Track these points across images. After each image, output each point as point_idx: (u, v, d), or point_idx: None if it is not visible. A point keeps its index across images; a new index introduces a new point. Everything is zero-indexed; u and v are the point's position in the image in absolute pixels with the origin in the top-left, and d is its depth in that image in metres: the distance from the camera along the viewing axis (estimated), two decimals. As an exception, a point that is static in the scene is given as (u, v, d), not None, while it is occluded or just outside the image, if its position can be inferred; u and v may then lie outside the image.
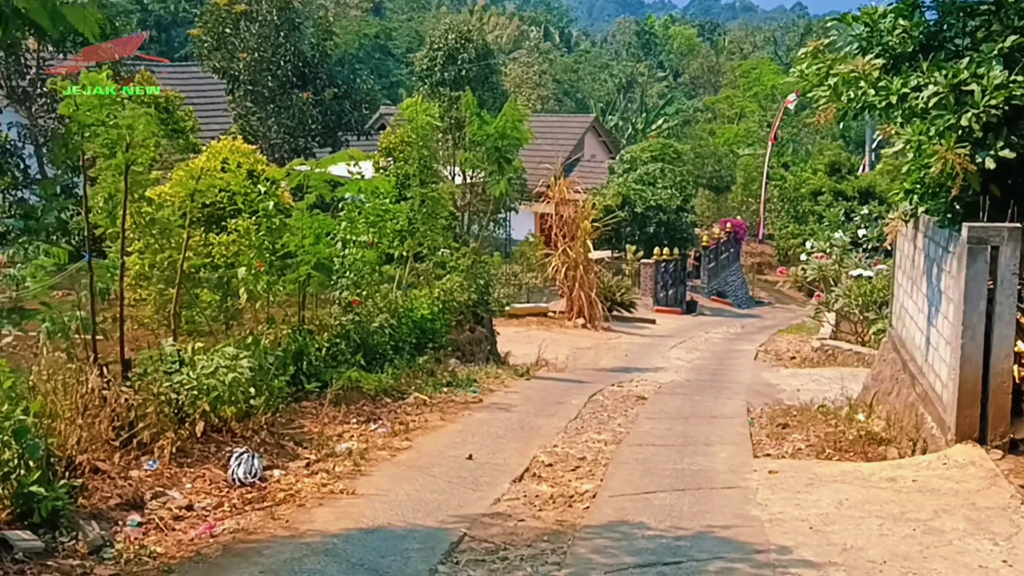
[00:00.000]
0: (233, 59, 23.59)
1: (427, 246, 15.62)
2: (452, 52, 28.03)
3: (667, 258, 36.56)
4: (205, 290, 10.34)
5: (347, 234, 12.06)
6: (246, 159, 12.58)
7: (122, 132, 7.74)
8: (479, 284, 17.66)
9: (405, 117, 14.24)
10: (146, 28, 58.16)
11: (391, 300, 13.52)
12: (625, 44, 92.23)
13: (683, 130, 68.43)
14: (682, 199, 40.74)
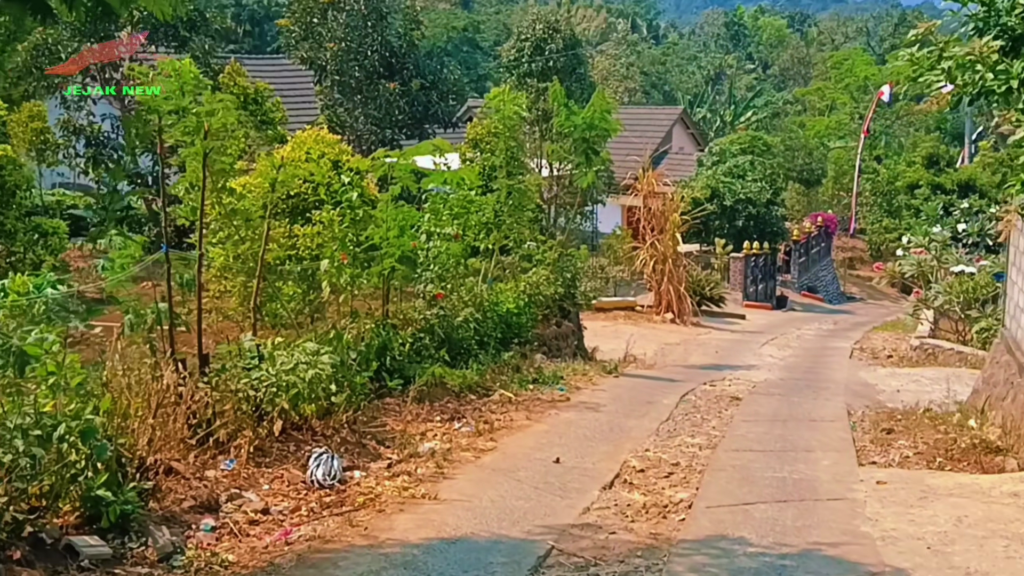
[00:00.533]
0: (320, 49, 23.48)
1: (513, 239, 15.24)
2: (539, 43, 27.58)
3: (757, 252, 35.67)
4: (289, 283, 10.11)
5: (431, 226, 11.73)
6: (331, 149, 12.36)
7: (200, 119, 7.49)
8: (566, 278, 17.25)
9: (492, 107, 13.84)
10: (240, 22, 59.13)
11: (476, 294, 13.18)
12: (714, 36, 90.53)
13: (772, 123, 66.91)
14: (772, 192, 39.68)
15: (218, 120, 7.51)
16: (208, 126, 7.51)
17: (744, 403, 12.16)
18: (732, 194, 37.43)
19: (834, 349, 22.57)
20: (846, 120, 60.81)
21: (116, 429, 5.86)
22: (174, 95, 7.85)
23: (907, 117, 61.01)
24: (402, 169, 10.78)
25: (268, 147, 16.87)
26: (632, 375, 14.74)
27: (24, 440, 5.19)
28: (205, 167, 7.62)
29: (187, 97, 7.83)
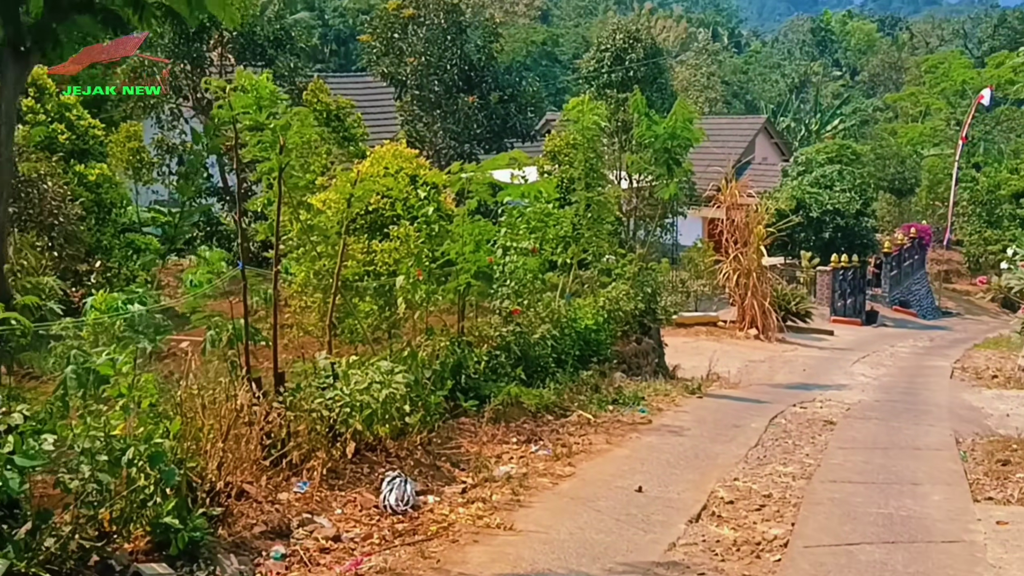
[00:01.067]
0: (401, 64, 23.47)
1: (592, 252, 14.91)
2: (620, 53, 27.20)
3: (845, 265, 34.69)
4: (366, 299, 9.94)
5: (508, 240, 11.44)
6: (408, 163, 12.19)
7: (276, 134, 7.34)
8: (646, 292, 16.80)
9: (570, 118, 13.53)
10: (326, 42, 60.20)
11: (553, 309, 12.87)
12: (798, 42, 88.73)
13: (860, 131, 65.20)
14: (862, 203, 38.53)
15: (294, 134, 7.33)
16: (284, 141, 7.33)
17: (839, 428, 11.56)
18: (819, 205, 36.51)
19: (932, 368, 21.60)
20: (941, 126, 58.76)
21: (186, 452, 5.69)
22: (251, 110, 7.73)
23: (1008, 122, 58.80)
24: (479, 182, 10.52)
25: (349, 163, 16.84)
26: (717, 395, 14.21)
27: (92, 464, 5.05)
28: (281, 182, 7.45)
29: (264, 112, 7.70)
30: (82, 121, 16.09)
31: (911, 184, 52.74)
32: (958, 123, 59.42)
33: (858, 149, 44.45)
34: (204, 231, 23.43)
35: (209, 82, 7.41)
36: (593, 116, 13.29)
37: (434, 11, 23.14)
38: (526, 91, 25.15)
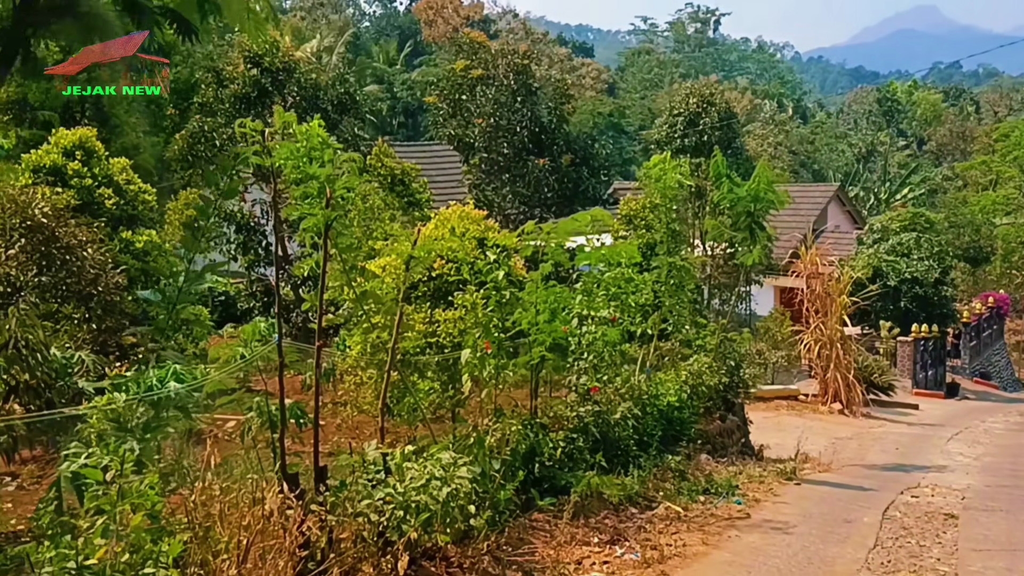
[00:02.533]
0: (468, 126, 22.65)
1: (672, 322, 13.71)
2: (693, 117, 26.21)
3: (926, 335, 32.94)
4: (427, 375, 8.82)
5: (585, 309, 10.28)
6: (476, 225, 11.18)
7: (324, 185, 6.33)
8: (729, 365, 15.55)
9: (651, 176, 12.43)
10: (395, 114, 60.55)
11: (633, 385, 11.65)
12: (865, 112, 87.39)
13: (930, 200, 63.49)
14: (940, 271, 36.87)
15: (342, 184, 6.31)
16: (330, 193, 6.32)
17: (963, 523, 10.06)
18: (896, 273, 34.97)
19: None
20: (1014, 194, 56.85)
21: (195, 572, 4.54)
22: (299, 160, 6.76)
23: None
24: (554, 244, 9.41)
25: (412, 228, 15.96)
26: (814, 481, 12.77)
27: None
28: (327, 240, 6.41)
29: (314, 164, 6.72)
30: (131, 186, 15.40)
31: (987, 253, 50.95)
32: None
33: (932, 217, 42.93)
34: (262, 301, 22.72)
35: (244, 123, 6.41)
36: (675, 175, 12.18)
37: (504, 72, 22.36)
38: (598, 154, 24.14)
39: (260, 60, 21.24)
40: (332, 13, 78.93)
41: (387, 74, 64.76)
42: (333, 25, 66.41)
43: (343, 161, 6.45)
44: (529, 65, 22.78)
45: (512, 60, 22.44)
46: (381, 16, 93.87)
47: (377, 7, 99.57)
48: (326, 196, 6.37)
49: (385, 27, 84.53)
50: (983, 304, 41.31)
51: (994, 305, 42.33)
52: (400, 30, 79.65)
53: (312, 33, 53.55)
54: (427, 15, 75.02)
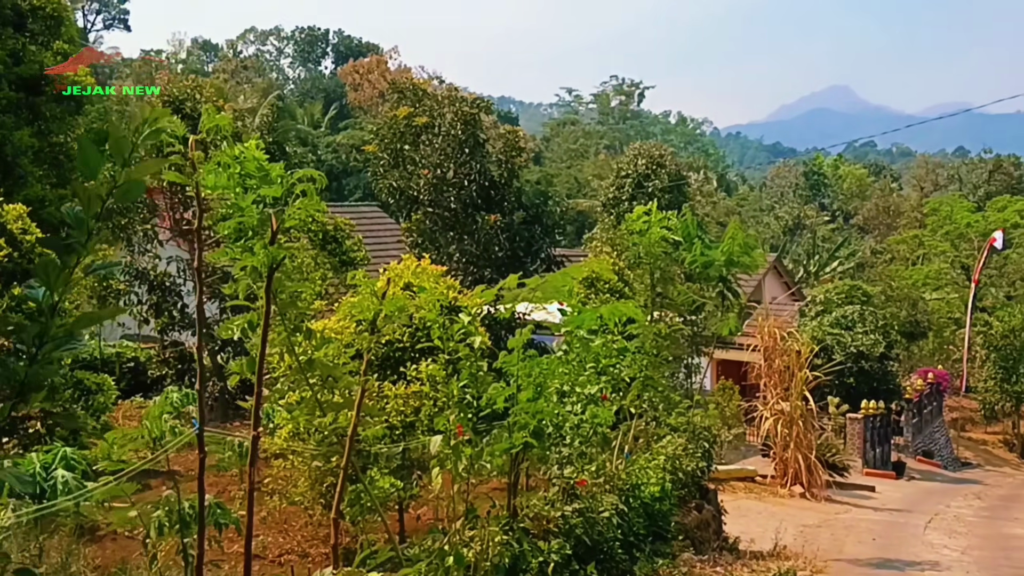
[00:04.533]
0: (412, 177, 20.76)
1: (649, 399, 12.08)
2: (641, 179, 24.96)
3: (875, 412, 32.02)
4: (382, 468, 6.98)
5: (569, 383, 8.57)
6: (434, 284, 9.43)
7: (266, 217, 4.57)
8: (703, 447, 14.02)
9: (634, 229, 10.85)
10: (317, 179, 58.93)
11: (614, 474, 9.97)
12: (791, 186, 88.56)
13: (858, 273, 63.85)
14: (885, 345, 36.27)
15: (297, 211, 4.55)
16: (276, 225, 4.55)
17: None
18: (842, 347, 34.09)
19: (1018, 537, 18.66)
20: (946, 268, 57.28)
21: None
22: (231, 190, 5.00)
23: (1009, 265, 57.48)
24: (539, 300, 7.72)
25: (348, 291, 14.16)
26: (817, 586, 11.16)
27: None
28: (269, 289, 4.61)
29: (249, 195, 4.96)
30: (28, 236, 13.30)
31: (923, 328, 50.96)
32: (963, 266, 58.10)
33: (869, 290, 42.66)
34: (175, 369, 20.55)
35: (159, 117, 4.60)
36: (661, 229, 10.63)
37: (451, 121, 20.55)
38: (552, 212, 22.42)
39: (181, 107, 19.43)
40: (256, 76, 77.37)
41: (311, 136, 63.16)
42: (257, 87, 64.83)
43: (298, 179, 4.69)
44: (478, 115, 21.13)
45: (460, 108, 20.81)
46: (306, 79, 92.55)
47: (302, 71, 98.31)
48: (270, 229, 4.59)
49: (310, 90, 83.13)
50: (923, 380, 40.91)
51: (934, 381, 42.08)
52: (325, 93, 78.36)
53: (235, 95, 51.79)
54: (353, 79, 73.87)
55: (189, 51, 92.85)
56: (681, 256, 13.17)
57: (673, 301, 11.59)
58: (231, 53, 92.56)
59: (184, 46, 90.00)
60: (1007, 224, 55.10)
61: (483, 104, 21.18)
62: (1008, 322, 47.49)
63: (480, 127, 20.95)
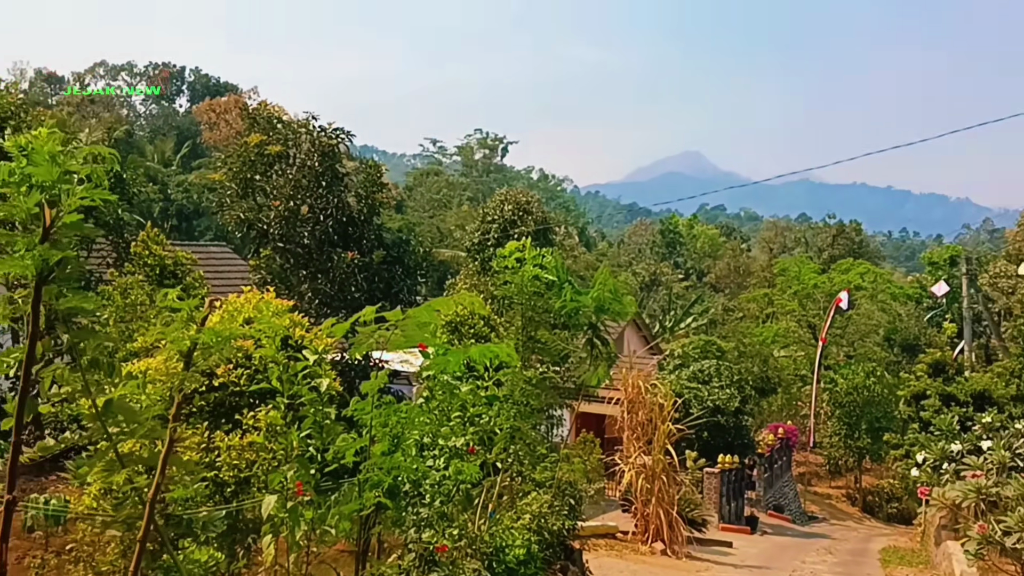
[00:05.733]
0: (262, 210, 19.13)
1: (516, 451, 11.12)
2: (508, 225, 24.22)
3: (731, 466, 32.06)
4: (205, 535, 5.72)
5: (430, 435, 7.51)
6: (279, 320, 8.25)
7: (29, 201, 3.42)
8: (570, 504, 13.15)
9: (506, 265, 9.93)
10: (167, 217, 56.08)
11: (475, 536, 8.92)
12: (649, 243, 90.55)
13: (711, 329, 65.37)
14: (740, 400, 36.62)
15: (77, 199, 3.40)
16: (49, 217, 3.40)
17: None
18: (699, 401, 34.13)
19: (879, 596, 18.53)
20: (794, 327, 59.14)
21: None
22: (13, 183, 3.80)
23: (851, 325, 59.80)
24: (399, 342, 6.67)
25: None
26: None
27: None
28: (38, 303, 3.42)
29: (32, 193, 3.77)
30: None
31: (773, 384, 52.19)
32: (810, 324, 60.16)
33: (723, 345, 43.35)
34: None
35: None
36: (535, 268, 9.76)
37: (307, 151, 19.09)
38: (416, 252, 21.15)
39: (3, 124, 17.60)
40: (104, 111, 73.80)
41: (161, 175, 60.35)
42: (104, 121, 61.69)
43: (86, 154, 3.54)
44: (337, 147, 19.80)
45: (318, 138, 19.49)
46: (158, 115, 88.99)
47: (154, 107, 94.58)
48: (44, 221, 3.42)
49: (162, 126, 79.79)
50: (774, 435, 41.59)
51: (784, 436, 42.90)
52: (179, 131, 75.32)
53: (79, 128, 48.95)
54: (209, 117, 71.32)
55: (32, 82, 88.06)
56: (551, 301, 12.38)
57: (545, 346, 10.69)
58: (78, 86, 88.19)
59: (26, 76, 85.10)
60: (851, 285, 57.41)
61: (343, 134, 19.96)
62: (851, 380, 49.21)
63: (339, 159, 19.67)
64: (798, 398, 53.83)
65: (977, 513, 18.23)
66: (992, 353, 46.56)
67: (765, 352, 52.90)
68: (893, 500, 46.30)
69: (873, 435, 47.82)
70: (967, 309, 37.67)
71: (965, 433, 24.85)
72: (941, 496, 18.30)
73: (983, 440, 22.65)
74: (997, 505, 17.95)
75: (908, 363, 54.71)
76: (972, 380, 28.02)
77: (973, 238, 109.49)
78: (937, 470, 23.54)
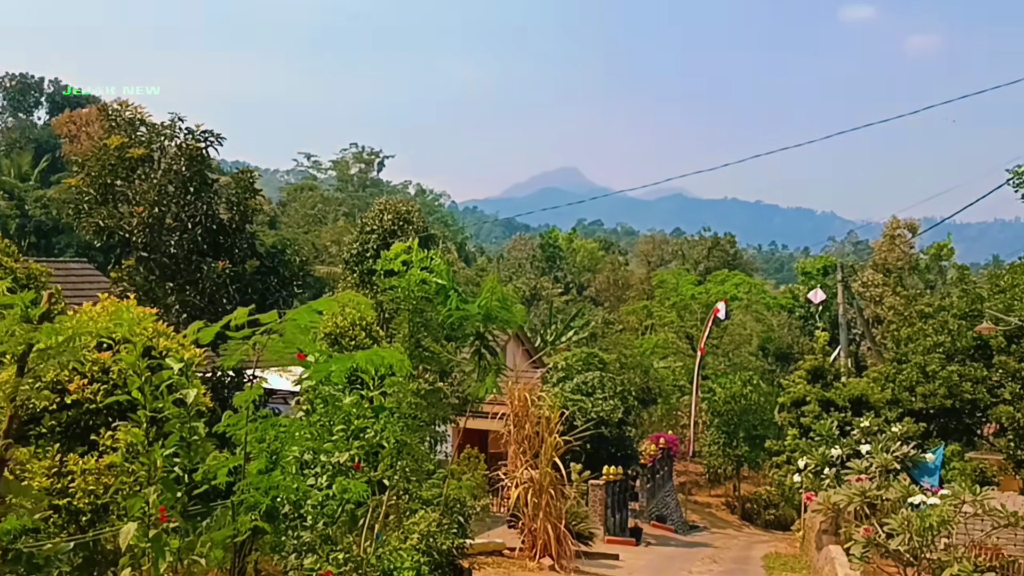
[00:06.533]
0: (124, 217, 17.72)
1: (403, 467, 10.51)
2: (387, 236, 23.46)
3: (616, 478, 32.04)
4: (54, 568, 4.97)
5: (312, 450, 6.86)
6: (142, 330, 7.47)
7: None
8: (459, 522, 12.62)
9: (392, 269, 9.32)
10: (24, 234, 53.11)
11: (361, 559, 8.28)
12: (529, 257, 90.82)
13: (592, 342, 65.92)
14: (623, 411, 36.74)
15: None
16: None
17: None
18: (583, 413, 34.06)
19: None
20: (673, 338, 60.08)
21: None
22: None
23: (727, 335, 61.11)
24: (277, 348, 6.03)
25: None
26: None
27: None
28: None
29: None
30: None
31: (654, 395, 52.82)
32: (688, 336, 61.19)
33: (605, 357, 43.59)
34: None
35: None
36: (422, 271, 9.20)
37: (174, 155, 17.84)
38: (291, 261, 20.12)
39: None
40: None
41: (18, 189, 57.14)
42: (-49, 133, 58.23)
43: None
44: (206, 150, 18.63)
45: (185, 141, 18.32)
46: (14, 127, 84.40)
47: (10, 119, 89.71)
48: None
49: (19, 139, 75.58)
50: (655, 445, 41.89)
51: (665, 446, 43.23)
52: (37, 143, 71.55)
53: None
54: (69, 130, 67.94)
55: None
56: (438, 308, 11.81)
57: (435, 355, 10.13)
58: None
59: None
60: (727, 296, 58.66)
61: (212, 137, 18.86)
62: (729, 389, 50.17)
63: (208, 164, 18.52)
64: (678, 408, 54.63)
65: (861, 517, 18.49)
66: (861, 359, 48.16)
67: (646, 363, 53.52)
68: (771, 507, 47.23)
69: (751, 443, 48.84)
70: (842, 316, 38.80)
71: (844, 438, 25.35)
72: (827, 500, 18.49)
73: (862, 444, 23.16)
74: (875, 508, 18.24)
75: (782, 371, 56.24)
76: (850, 385, 28.74)
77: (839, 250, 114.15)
78: (818, 475, 23.92)
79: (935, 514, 16.38)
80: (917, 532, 16.35)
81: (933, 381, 28.53)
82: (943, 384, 28.26)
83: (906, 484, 17.85)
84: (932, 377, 28.64)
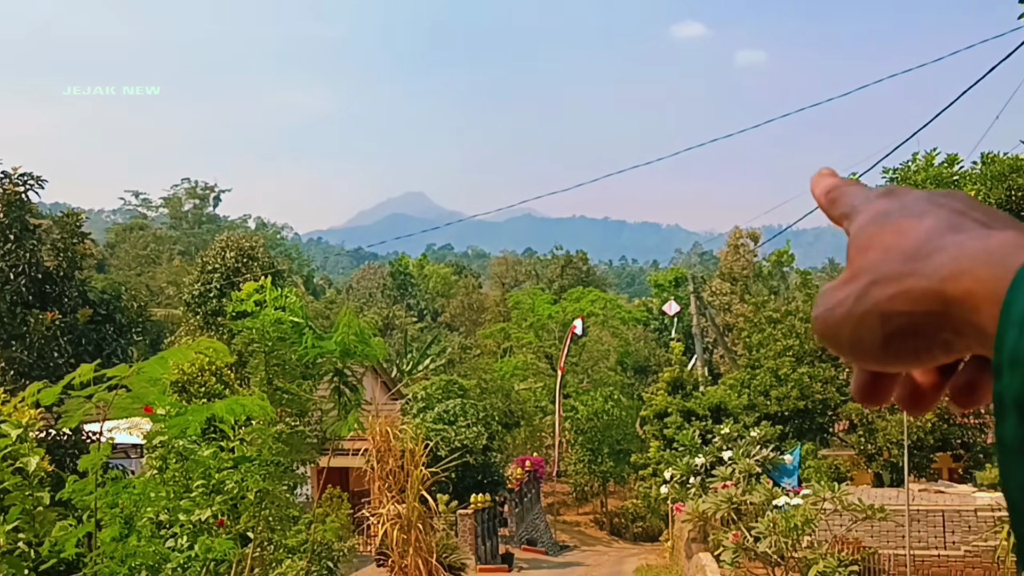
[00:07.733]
0: None
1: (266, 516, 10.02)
2: (231, 274, 22.60)
3: (484, 506, 31.89)
4: None
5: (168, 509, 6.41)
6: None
7: None
8: (328, 568, 12.18)
9: (244, 310, 8.89)
10: None
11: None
12: (379, 286, 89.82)
13: (450, 369, 65.70)
14: (487, 437, 36.70)
15: None
16: None
17: None
18: (447, 442, 33.83)
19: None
20: (532, 359, 60.40)
21: None
22: None
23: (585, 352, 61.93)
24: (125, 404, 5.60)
25: None
26: None
27: None
28: None
29: None
30: None
31: (517, 418, 52.93)
32: (547, 355, 61.65)
33: (464, 383, 43.46)
34: None
35: None
36: (277, 311, 8.82)
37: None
38: (128, 307, 18.97)
39: None
40: None
41: None
42: None
43: None
44: (25, 195, 17.34)
45: (1, 186, 17.06)
46: None
47: None
48: None
49: None
50: (522, 468, 41.95)
51: (531, 468, 43.29)
52: None
53: None
54: None
55: None
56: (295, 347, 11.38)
57: (295, 397, 9.72)
58: None
59: None
60: (584, 313, 59.44)
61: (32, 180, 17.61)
62: (591, 406, 50.70)
63: (29, 209, 17.31)
64: (541, 429, 54.78)
65: (728, 522, 18.97)
66: (716, 367, 49.62)
67: (507, 386, 53.54)
68: (638, 520, 47.85)
69: (615, 458, 49.42)
70: (696, 326, 39.84)
71: (707, 446, 25.97)
72: (695, 509, 18.85)
73: (724, 451, 23.79)
74: (742, 512, 18.75)
75: (642, 385, 57.36)
76: (708, 394, 29.56)
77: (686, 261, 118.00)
78: (684, 485, 24.39)
79: (798, 514, 16.98)
80: (783, 533, 16.90)
81: (786, 384, 29.68)
82: (795, 386, 29.43)
83: (769, 487, 18.44)
84: (784, 380, 29.79)
